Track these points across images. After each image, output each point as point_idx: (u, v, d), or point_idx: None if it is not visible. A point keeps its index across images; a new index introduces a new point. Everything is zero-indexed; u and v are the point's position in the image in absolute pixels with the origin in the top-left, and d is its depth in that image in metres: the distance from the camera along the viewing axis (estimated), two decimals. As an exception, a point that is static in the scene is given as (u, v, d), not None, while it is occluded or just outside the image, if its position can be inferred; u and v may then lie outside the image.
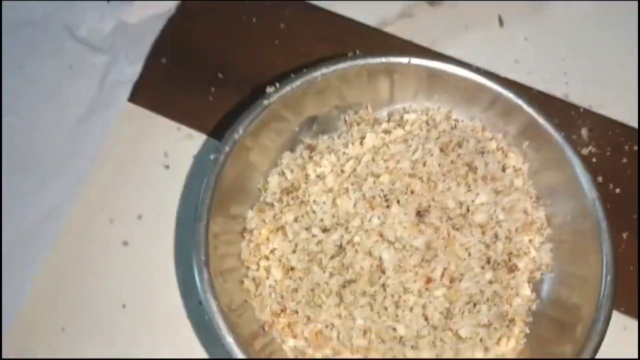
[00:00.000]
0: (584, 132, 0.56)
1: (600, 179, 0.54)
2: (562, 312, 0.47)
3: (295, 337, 0.46)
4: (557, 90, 0.57)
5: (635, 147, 0.55)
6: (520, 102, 0.49)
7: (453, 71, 0.49)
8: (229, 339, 0.42)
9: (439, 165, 0.48)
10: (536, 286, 0.49)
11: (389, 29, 0.59)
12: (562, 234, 0.49)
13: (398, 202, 0.46)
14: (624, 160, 0.55)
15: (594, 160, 0.55)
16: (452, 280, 0.46)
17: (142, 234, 0.53)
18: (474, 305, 0.46)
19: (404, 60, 0.49)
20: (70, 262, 0.52)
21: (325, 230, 0.47)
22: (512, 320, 0.47)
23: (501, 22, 0.60)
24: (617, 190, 0.54)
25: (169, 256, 0.52)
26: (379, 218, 0.46)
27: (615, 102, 0.57)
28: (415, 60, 0.49)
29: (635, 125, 0.56)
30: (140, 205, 0.54)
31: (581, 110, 0.56)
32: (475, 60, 0.55)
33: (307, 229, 0.47)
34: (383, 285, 0.45)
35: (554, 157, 0.49)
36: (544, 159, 0.50)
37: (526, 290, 0.48)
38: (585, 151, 0.55)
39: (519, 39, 0.59)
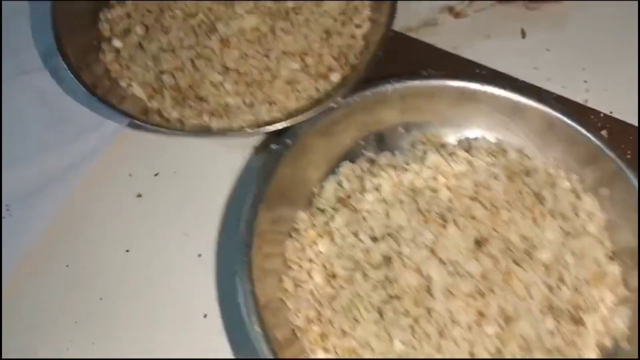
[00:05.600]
0: (603, 134, 0.53)
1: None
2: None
3: (326, 350, 0.41)
4: (576, 96, 0.54)
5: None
6: (601, 145, 0.44)
7: (531, 104, 0.46)
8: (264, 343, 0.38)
9: (504, 192, 0.43)
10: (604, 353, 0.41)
11: (412, 35, 0.59)
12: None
13: (455, 223, 0.42)
14: (646, 164, 0.52)
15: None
16: (507, 320, 0.40)
17: (157, 189, 0.52)
18: (529, 351, 0.39)
19: (479, 87, 0.47)
20: (86, 206, 0.52)
21: (374, 239, 0.43)
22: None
23: (524, 34, 0.59)
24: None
25: (178, 209, 0.51)
26: (432, 234, 0.42)
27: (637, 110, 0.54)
28: (492, 90, 0.47)
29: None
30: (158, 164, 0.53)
31: (601, 115, 0.54)
32: (493, 65, 0.56)
33: (355, 234, 0.44)
34: (429, 310, 0.40)
35: (635, 213, 0.42)
36: (624, 213, 0.43)
37: (591, 354, 0.40)
38: (603, 153, 0.53)
39: (541, 49, 0.57)
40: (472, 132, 0.49)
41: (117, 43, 0.55)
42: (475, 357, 0.39)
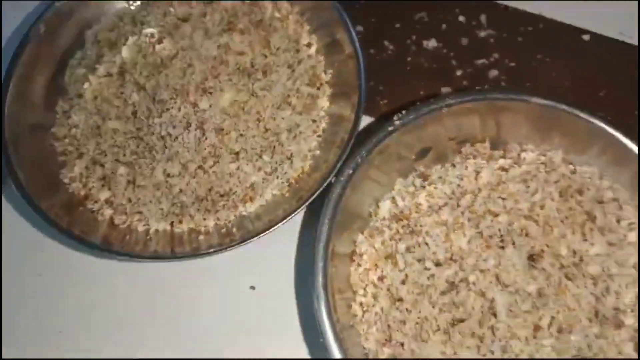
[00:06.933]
0: (482, 18, 0.58)
1: (496, 55, 0.58)
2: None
3: (396, 370, 0.43)
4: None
5: (530, 28, 0.59)
6: (634, 147, 0.46)
7: (572, 112, 0.47)
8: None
9: (557, 210, 0.45)
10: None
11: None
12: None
13: (513, 244, 0.44)
14: (519, 39, 0.59)
15: (491, 40, 0.58)
16: (560, 331, 0.44)
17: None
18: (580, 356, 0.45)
19: (525, 97, 0.48)
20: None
21: (437, 264, 0.44)
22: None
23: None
24: (512, 64, 0.58)
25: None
26: (494, 259, 0.44)
27: None
28: (536, 100, 0.47)
29: (532, 10, 0.59)
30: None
31: (480, -1, 0.58)
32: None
33: (419, 260, 0.45)
34: (492, 328, 0.44)
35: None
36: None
37: (629, 349, 0.46)
38: (483, 34, 0.58)
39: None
40: (515, 141, 0.50)
41: (104, 195, 0.51)
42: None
